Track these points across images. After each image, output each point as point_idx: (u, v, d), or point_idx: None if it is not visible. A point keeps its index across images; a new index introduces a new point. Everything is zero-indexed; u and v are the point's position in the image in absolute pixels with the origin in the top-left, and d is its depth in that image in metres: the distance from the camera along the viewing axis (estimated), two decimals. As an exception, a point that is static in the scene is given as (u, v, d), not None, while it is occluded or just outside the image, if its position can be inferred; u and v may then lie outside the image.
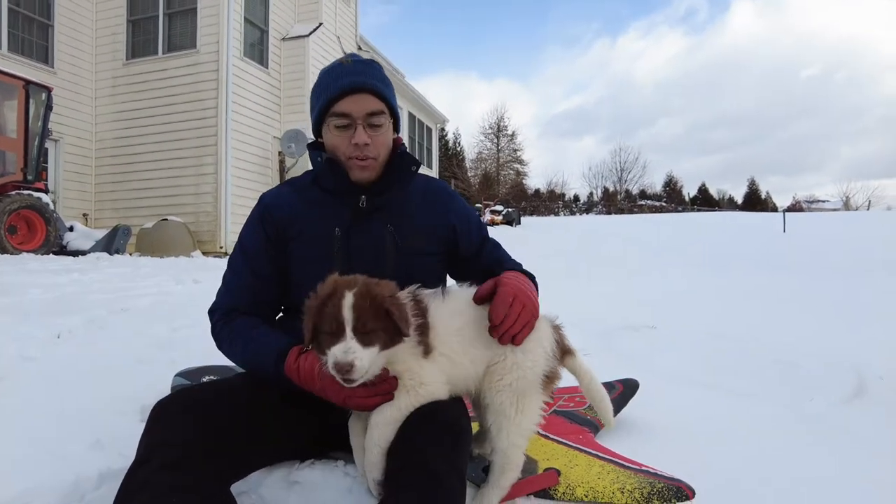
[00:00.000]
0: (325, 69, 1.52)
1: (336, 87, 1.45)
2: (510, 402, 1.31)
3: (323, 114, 1.48)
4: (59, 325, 2.97)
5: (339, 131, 1.46)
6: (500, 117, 50.34)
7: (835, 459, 1.89)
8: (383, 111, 1.47)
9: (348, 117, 1.44)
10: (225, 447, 1.19)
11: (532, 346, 1.34)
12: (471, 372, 1.33)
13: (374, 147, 1.47)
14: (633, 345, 3.52)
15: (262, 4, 12.35)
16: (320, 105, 1.48)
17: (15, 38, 10.60)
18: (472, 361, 1.32)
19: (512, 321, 1.28)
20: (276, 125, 12.64)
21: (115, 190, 11.65)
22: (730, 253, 12.75)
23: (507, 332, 1.28)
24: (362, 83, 1.44)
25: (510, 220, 27.05)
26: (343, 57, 1.52)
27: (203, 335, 2.91)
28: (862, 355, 3.26)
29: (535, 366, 1.33)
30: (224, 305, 1.52)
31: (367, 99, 1.45)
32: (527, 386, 1.32)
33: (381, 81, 1.48)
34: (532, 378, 1.33)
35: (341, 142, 1.47)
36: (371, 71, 1.48)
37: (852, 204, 52.25)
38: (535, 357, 1.33)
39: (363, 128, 1.44)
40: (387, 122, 1.49)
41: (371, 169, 1.49)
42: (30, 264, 6.37)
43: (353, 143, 1.44)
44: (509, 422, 1.32)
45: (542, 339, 1.36)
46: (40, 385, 2.05)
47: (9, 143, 8.65)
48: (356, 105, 1.44)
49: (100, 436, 1.65)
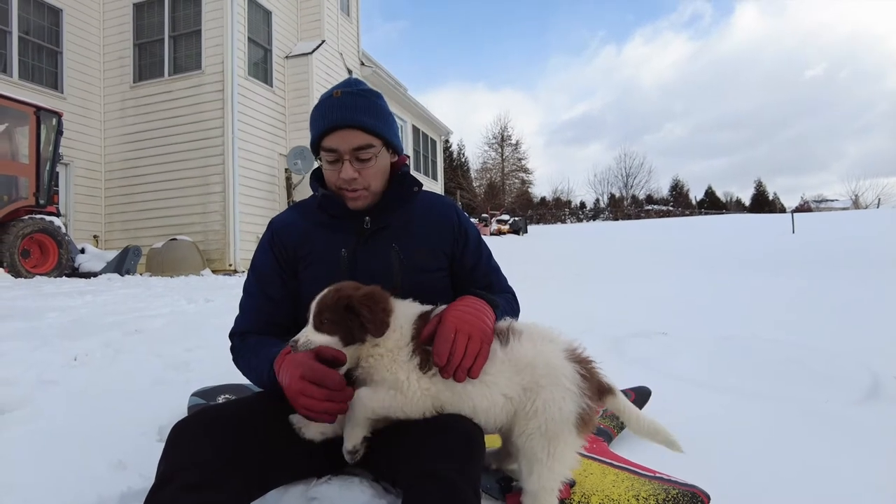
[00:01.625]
0: (320, 99, 1.54)
1: (323, 123, 1.47)
2: (541, 446, 1.24)
3: (315, 147, 1.53)
4: (75, 348, 3.02)
5: (329, 165, 1.51)
6: (503, 127, 50.57)
7: (852, 462, 1.88)
8: (371, 144, 1.48)
9: (336, 152, 1.48)
10: (243, 467, 1.22)
11: (546, 383, 1.25)
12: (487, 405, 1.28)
13: (363, 179, 1.49)
14: (644, 351, 3.51)
15: (265, 24, 12.54)
16: (311, 139, 1.53)
17: (26, 65, 10.83)
18: (482, 397, 1.27)
19: (459, 356, 1.23)
20: (281, 142, 12.78)
21: (124, 211, 11.80)
22: (739, 255, 12.69)
23: (458, 368, 1.24)
24: (349, 119, 1.45)
25: (517, 228, 27.06)
26: (335, 87, 1.53)
27: (217, 355, 2.95)
28: (876, 355, 3.25)
29: (563, 408, 1.24)
30: (240, 329, 1.59)
31: (354, 134, 1.46)
32: (558, 429, 1.24)
33: (368, 114, 1.48)
34: (562, 420, 1.24)
35: (332, 175, 1.51)
36: (360, 104, 1.48)
37: (862, 202, 51.83)
38: (559, 398, 1.24)
39: (349, 162, 1.47)
40: (377, 153, 1.50)
41: (363, 199, 1.52)
42: (44, 287, 6.46)
43: (341, 178, 1.48)
44: (541, 466, 1.25)
45: (560, 377, 1.26)
46: (61, 408, 2.09)
47: (21, 168, 8.80)
48: (342, 141, 1.46)
49: (121, 457, 1.68)
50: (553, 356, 1.28)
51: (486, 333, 1.30)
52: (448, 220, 1.64)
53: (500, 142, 49.99)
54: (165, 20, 11.82)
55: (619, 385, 2.32)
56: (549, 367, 1.26)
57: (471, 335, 1.26)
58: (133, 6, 12.03)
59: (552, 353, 1.29)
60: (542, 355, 1.28)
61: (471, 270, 1.65)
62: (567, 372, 1.26)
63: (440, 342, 1.25)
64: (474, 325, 1.29)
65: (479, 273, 1.66)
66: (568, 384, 1.25)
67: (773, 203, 64.62)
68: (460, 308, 1.34)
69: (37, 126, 8.97)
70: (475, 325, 1.29)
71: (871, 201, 50.99)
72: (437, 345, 1.26)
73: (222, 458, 1.18)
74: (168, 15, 11.82)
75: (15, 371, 2.49)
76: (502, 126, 51.29)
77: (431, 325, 1.30)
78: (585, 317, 4.79)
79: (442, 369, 1.25)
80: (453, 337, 1.25)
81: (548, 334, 1.34)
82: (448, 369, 1.24)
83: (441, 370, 1.25)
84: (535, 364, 1.27)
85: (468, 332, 1.26)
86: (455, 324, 1.28)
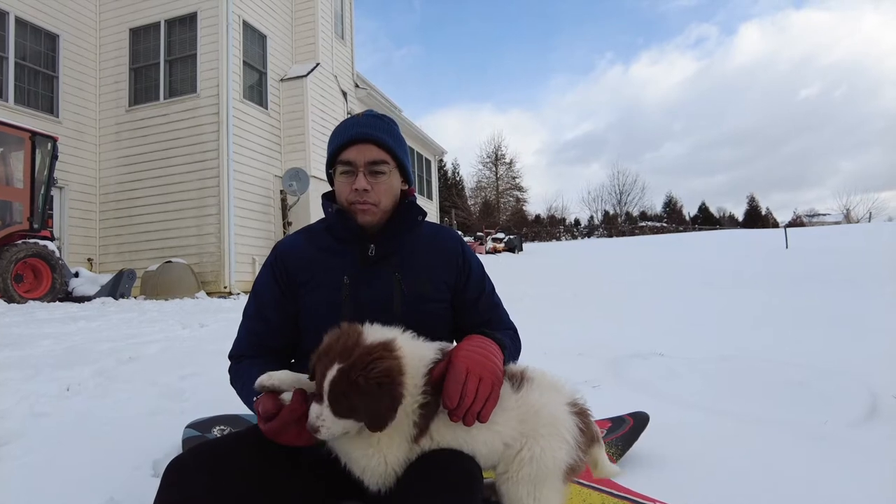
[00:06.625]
0: (341, 122, 1.62)
1: (341, 138, 1.54)
2: (527, 492, 1.23)
3: (332, 162, 1.57)
4: (68, 377, 2.99)
5: (343, 177, 1.54)
6: (497, 146, 51.02)
7: (855, 484, 1.87)
8: (386, 161, 1.54)
9: (351, 164, 1.52)
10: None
11: (546, 433, 1.24)
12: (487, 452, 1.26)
13: (375, 193, 1.53)
14: (642, 373, 3.50)
15: (260, 48, 12.66)
16: (329, 153, 1.58)
17: (22, 90, 10.86)
18: (483, 443, 1.26)
19: (470, 400, 1.20)
20: (277, 164, 12.81)
21: (119, 234, 11.76)
22: (733, 272, 12.72)
23: (468, 412, 1.21)
24: (367, 134, 1.53)
25: (512, 247, 27.10)
26: (361, 112, 1.62)
27: (211, 382, 2.93)
28: (874, 373, 3.24)
29: (557, 458, 1.23)
30: (237, 352, 1.59)
31: (370, 149, 1.53)
32: (547, 477, 1.23)
33: (387, 134, 1.56)
34: (554, 469, 1.24)
35: (345, 187, 1.54)
36: (380, 125, 1.56)
37: (853, 216, 52.29)
38: (554, 447, 1.24)
39: (363, 174, 1.51)
40: (390, 171, 1.55)
41: (372, 214, 1.54)
42: (37, 313, 6.41)
43: (353, 189, 1.51)
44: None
45: (560, 428, 1.25)
46: (53, 441, 2.06)
47: (16, 193, 8.78)
48: (359, 154, 1.52)
49: (113, 493, 1.66)
50: (557, 408, 1.28)
51: (497, 376, 1.28)
52: (452, 251, 1.65)
53: (495, 160, 50.42)
54: (161, 44, 11.91)
55: (618, 410, 2.33)
56: (552, 418, 1.26)
57: (482, 377, 1.24)
58: (129, 31, 12.12)
59: (556, 404, 1.29)
60: (547, 407, 1.27)
61: (473, 303, 1.64)
62: (568, 424, 1.26)
63: (451, 384, 1.21)
64: (485, 367, 1.26)
65: (481, 307, 1.65)
66: (567, 436, 1.25)
67: (766, 218, 65.05)
68: (470, 348, 1.31)
69: (32, 151, 8.96)
70: (486, 367, 1.26)
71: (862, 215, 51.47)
72: (447, 386, 1.22)
73: (219, 498, 1.17)
74: (164, 39, 11.91)
75: (7, 403, 2.46)
76: (496, 145, 51.79)
77: (441, 366, 1.27)
78: (582, 337, 4.78)
79: (452, 412, 1.21)
80: (464, 378, 1.22)
81: (555, 383, 1.34)
82: (458, 412, 1.21)
83: (451, 413, 1.21)
84: (539, 413, 1.26)
85: (479, 374, 1.24)
86: (466, 364, 1.25)
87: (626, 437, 2.10)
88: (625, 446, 2.07)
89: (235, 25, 11.71)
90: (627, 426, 2.14)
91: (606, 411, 2.34)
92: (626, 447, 2.07)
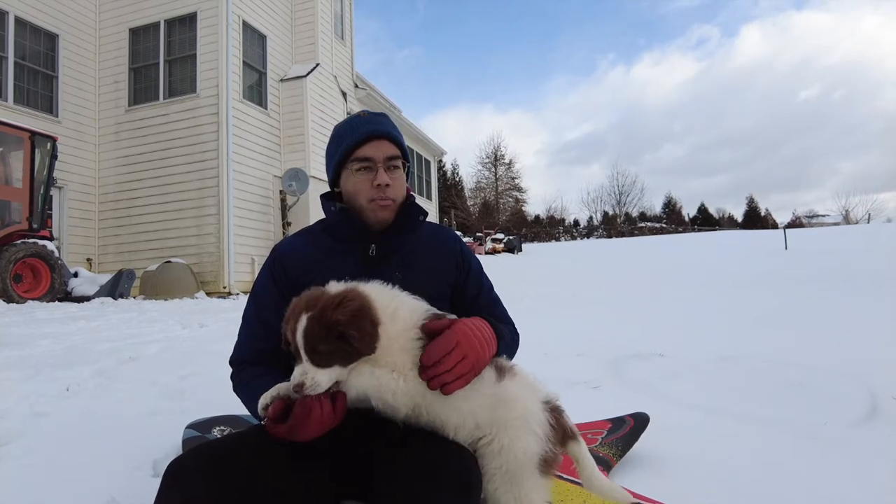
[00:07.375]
0: (342, 122, 1.62)
1: (358, 133, 1.55)
2: (505, 488, 1.24)
3: (343, 161, 1.57)
4: (68, 377, 2.98)
5: (360, 174, 1.55)
6: (496, 146, 51.04)
7: (855, 484, 1.87)
8: (399, 157, 1.58)
9: (370, 161, 1.54)
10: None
11: (517, 424, 1.26)
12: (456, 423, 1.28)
13: (394, 189, 1.55)
14: (642, 373, 3.50)
15: (260, 48, 12.66)
16: (341, 152, 1.57)
17: (21, 90, 10.85)
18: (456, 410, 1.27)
19: (445, 368, 1.22)
20: (276, 164, 12.81)
21: (118, 234, 11.75)
22: (733, 273, 12.73)
23: (436, 377, 1.22)
24: (383, 131, 1.56)
25: (511, 247, 27.11)
26: (359, 112, 1.64)
27: (211, 382, 2.93)
28: (874, 373, 3.25)
29: (527, 450, 1.25)
30: (238, 357, 1.58)
31: (387, 145, 1.56)
32: (520, 470, 1.24)
33: (396, 131, 1.60)
34: (525, 461, 1.24)
35: (364, 185, 1.54)
36: (387, 121, 1.60)
37: (852, 217, 52.34)
38: (523, 439, 1.25)
39: (384, 170, 1.53)
40: (402, 169, 1.59)
41: (391, 210, 1.56)
42: (37, 313, 6.40)
43: (376, 185, 1.53)
44: None
45: (528, 419, 1.27)
46: (54, 442, 2.06)
47: (15, 193, 8.77)
48: (377, 149, 1.54)
49: (114, 493, 1.65)
50: (531, 402, 1.31)
51: (480, 364, 1.30)
52: (452, 250, 1.67)
53: (494, 161, 50.45)
54: (161, 44, 11.90)
55: (618, 410, 2.33)
56: (524, 410, 1.28)
57: (467, 355, 1.25)
58: (129, 31, 12.12)
59: (531, 399, 1.31)
60: (522, 399, 1.30)
61: (472, 300, 1.66)
62: (539, 418, 1.28)
63: (438, 345, 1.23)
64: (474, 349, 1.27)
65: (481, 303, 1.67)
66: (536, 428, 1.27)
67: (766, 219, 65.14)
68: (473, 327, 1.32)
69: (31, 151, 8.96)
70: (475, 350, 1.28)
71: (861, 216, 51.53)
72: (434, 345, 1.24)
73: (219, 499, 1.17)
74: (164, 39, 11.90)
75: (7, 403, 2.46)
76: (495, 146, 51.83)
77: (442, 323, 1.29)
78: (582, 338, 4.78)
79: (423, 368, 1.23)
80: (452, 348, 1.24)
81: (536, 384, 1.37)
82: (428, 372, 1.22)
83: (421, 368, 1.23)
84: (513, 404, 1.29)
85: (466, 352, 1.25)
86: (460, 337, 1.26)
87: (627, 438, 2.10)
88: (625, 447, 2.07)
89: (235, 25, 11.71)
90: (628, 427, 2.14)
91: (606, 412, 2.34)
92: (626, 448, 2.07)
